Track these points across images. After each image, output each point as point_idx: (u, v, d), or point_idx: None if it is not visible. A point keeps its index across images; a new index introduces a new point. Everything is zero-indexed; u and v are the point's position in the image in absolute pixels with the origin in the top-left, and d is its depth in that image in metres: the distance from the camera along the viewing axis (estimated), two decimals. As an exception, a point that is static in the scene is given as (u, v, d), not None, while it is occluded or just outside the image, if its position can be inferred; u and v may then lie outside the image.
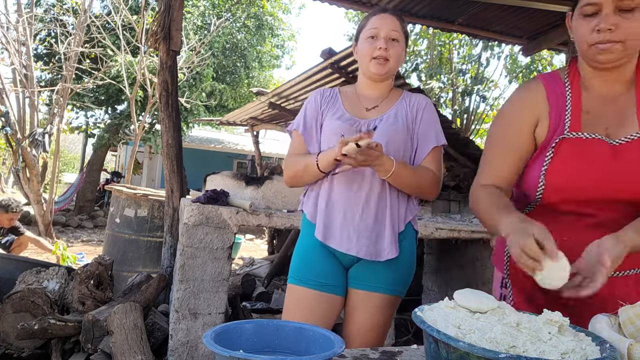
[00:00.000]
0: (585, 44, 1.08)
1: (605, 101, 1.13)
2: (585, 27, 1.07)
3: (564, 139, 1.12)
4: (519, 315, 0.82)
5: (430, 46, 11.66)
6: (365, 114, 1.61)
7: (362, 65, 1.62)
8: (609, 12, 1.03)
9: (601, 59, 1.08)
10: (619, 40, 1.03)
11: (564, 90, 1.17)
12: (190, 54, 10.03)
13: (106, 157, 14.64)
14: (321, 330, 0.85)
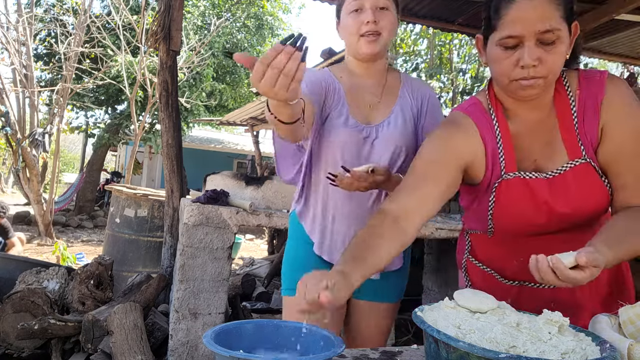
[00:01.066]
0: (506, 79, 1.02)
1: (529, 130, 1.10)
2: (506, 60, 1.00)
3: (503, 181, 1.09)
4: (519, 315, 0.82)
5: (430, 46, 11.66)
6: (369, 115, 1.43)
7: (350, 45, 1.40)
8: (532, 45, 0.96)
9: (524, 94, 1.02)
10: (542, 76, 0.98)
11: (492, 123, 1.12)
12: (190, 54, 10.03)
13: (106, 157, 14.64)
14: (321, 330, 0.85)
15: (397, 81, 1.50)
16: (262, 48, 13.97)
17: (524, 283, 1.15)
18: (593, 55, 5.73)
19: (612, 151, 1.04)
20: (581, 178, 1.05)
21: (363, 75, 1.46)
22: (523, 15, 0.95)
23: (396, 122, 1.43)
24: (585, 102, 1.06)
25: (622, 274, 1.18)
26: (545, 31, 0.95)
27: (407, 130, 1.43)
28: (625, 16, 4.17)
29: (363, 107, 1.44)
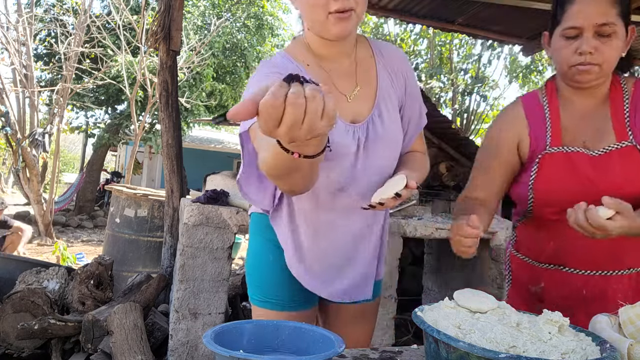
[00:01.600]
0: (566, 65, 1.15)
1: (582, 117, 1.21)
2: (567, 49, 1.14)
3: (546, 154, 1.20)
4: (519, 315, 0.82)
5: (430, 46, 11.66)
6: (352, 110, 1.16)
7: (313, 21, 1.08)
8: (590, 36, 1.10)
9: (580, 79, 1.15)
10: (597, 63, 1.11)
11: (542, 109, 1.25)
12: (190, 54, 10.03)
13: (106, 157, 14.64)
14: (321, 330, 0.85)
15: (369, 54, 1.23)
16: (262, 48, 13.97)
17: (558, 267, 1.22)
18: (593, 55, 5.71)
19: None
20: (626, 160, 1.13)
21: (332, 57, 1.17)
22: (584, 10, 1.10)
23: (386, 113, 1.19)
24: (638, 99, 1.17)
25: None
26: (603, 24, 1.08)
27: (396, 124, 1.21)
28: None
29: (341, 101, 1.15)
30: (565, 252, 1.19)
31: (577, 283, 1.20)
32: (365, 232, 1.25)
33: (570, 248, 1.19)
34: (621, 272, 1.18)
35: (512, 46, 8.16)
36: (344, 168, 1.15)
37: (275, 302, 1.25)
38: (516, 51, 10.79)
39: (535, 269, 1.28)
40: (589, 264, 1.19)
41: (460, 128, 10.24)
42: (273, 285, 1.25)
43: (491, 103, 11.72)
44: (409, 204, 3.29)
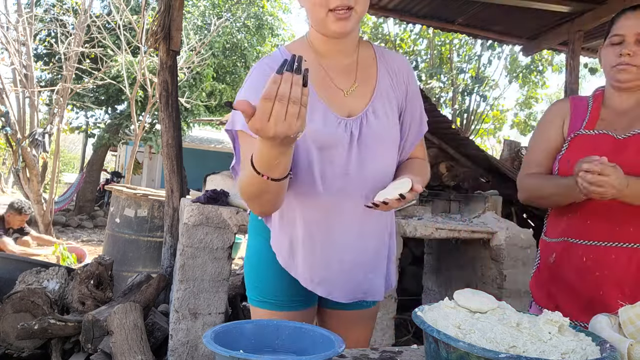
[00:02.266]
0: (609, 66, 1.38)
1: (619, 113, 1.41)
2: (612, 53, 1.38)
3: (578, 135, 1.41)
4: (519, 315, 0.82)
5: (430, 46, 11.66)
6: (346, 104, 1.18)
7: (316, 19, 1.12)
8: (631, 42, 1.34)
9: (620, 78, 1.36)
10: (635, 64, 1.33)
11: (586, 105, 1.47)
12: (190, 54, 10.02)
13: (106, 157, 14.64)
14: (321, 330, 0.85)
15: (371, 55, 1.25)
16: (262, 48, 13.97)
17: (569, 239, 1.40)
18: (593, 55, 5.72)
19: None
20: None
21: (331, 55, 1.19)
22: (628, 22, 1.36)
23: (382, 111, 1.20)
24: None
25: None
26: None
27: (392, 123, 1.22)
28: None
29: (337, 96, 1.17)
30: (573, 226, 1.39)
31: (578, 252, 1.36)
32: (365, 230, 1.22)
33: (577, 222, 1.38)
34: (620, 245, 1.32)
35: (512, 46, 8.17)
36: (338, 163, 1.16)
37: (273, 303, 1.24)
38: (516, 51, 10.79)
39: (551, 245, 1.47)
40: (591, 235, 1.35)
41: (460, 128, 10.24)
42: (271, 285, 1.24)
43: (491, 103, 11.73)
44: (409, 204, 3.29)
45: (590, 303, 1.29)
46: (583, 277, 1.35)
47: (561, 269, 1.41)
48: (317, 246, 1.19)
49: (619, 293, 1.31)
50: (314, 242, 1.19)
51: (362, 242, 1.22)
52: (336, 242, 1.19)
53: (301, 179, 1.16)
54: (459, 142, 4.29)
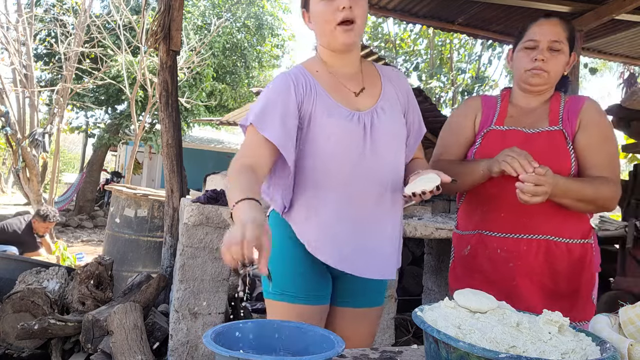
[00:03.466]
0: (523, 69, 1.45)
1: (526, 111, 1.50)
2: (525, 57, 1.45)
3: (490, 131, 1.49)
4: (519, 315, 0.82)
5: (430, 46, 11.66)
6: (357, 102, 1.34)
7: (324, 35, 1.31)
8: (544, 48, 1.41)
9: (532, 82, 1.45)
10: (547, 70, 1.41)
11: (495, 103, 1.56)
12: (190, 54, 10.02)
13: (106, 157, 14.64)
14: (321, 330, 0.85)
15: (374, 70, 1.45)
16: (262, 48, 13.97)
17: (481, 231, 1.47)
18: (593, 55, 5.72)
19: (587, 136, 1.41)
20: (553, 141, 1.41)
21: (339, 66, 1.37)
22: (542, 29, 1.43)
23: (389, 110, 1.36)
24: (571, 104, 1.48)
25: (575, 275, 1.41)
26: (555, 41, 1.41)
27: (400, 121, 1.39)
28: (625, 16, 4.17)
29: (349, 96, 1.34)
30: (487, 219, 1.46)
31: (493, 244, 1.44)
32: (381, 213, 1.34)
33: (491, 216, 1.45)
34: (530, 237, 1.40)
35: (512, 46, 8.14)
36: (354, 153, 1.29)
37: (292, 295, 1.31)
38: (516, 51, 10.76)
39: (465, 237, 1.53)
40: (504, 228, 1.43)
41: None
42: (290, 278, 1.32)
43: (491, 103, 11.71)
44: (409, 204, 3.29)
45: (505, 292, 1.33)
46: (497, 267, 1.43)
47: (476, 260, 1.47)
48: (342, 230, 1.29)
49: (529, 282, 1.39)
50: (338, 227, 1.29)
51: (379, 224, 1.34)
52: (357, 225, 1.31)
53: (321, 170, 1.29)
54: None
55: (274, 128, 1.24)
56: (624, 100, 4.41)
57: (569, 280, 1.40)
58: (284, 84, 1.29)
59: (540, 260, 1.39)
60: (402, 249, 1.50)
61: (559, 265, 1.39)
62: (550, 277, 1.39)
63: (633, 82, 9.54)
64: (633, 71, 10.05)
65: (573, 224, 1.41)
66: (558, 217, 1.39)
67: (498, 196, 1.43)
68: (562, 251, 1.40)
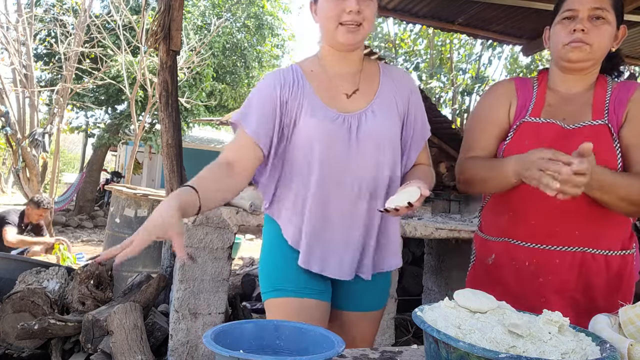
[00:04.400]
0: (560, 44, 1.26)
1: (566, 99, 1.30)
2: (563, 29, 1.25)
3: (524, 122, 1.30)
4: (519, 315, 0.82)
5: (430, 46, 11.66)
6: (348, 104, 1.29)
7: (327, 31, 1.27)
8: (584, 17, 1.22)
9: (572, 57, 1.24)
10: (589, 42, 1.22)
11: (531, 88, 1.36)
12: (190, 54, 10.02)
13: (106, 157, 14.63)
14: (321, 330, 0.85)
15: (376, 69, 1.37)
16: (262, 48, 13.97)
17: (507, 239, 1.30)
18: (593, 55, 5.70)
19: (633, 130, 1.22)
20: (596, 137, 1.20)
21: (338, 64, 1.32)
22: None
23: (381, 111, 1.29)
24: (619, 92, 1.28)
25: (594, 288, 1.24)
26: (596, 8, 1.22)
27: (392, 122, 1.30)
28: (625, 16, 4.16)
29: (338, 97, 1.29)
30: (515, 226, 1.29)
31: (521, 255, 1.27)
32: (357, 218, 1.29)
33: (519, 222, 1.28)
34: (564, 249, 1.23)
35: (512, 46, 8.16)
36: (338, 156, 1.25)
37: (291, 290, 1.29)
38: (516, 51, 10.79)
39: (489, 243, 1.36)
40: (534, 237, 1.25)
41: (460, 128, 10.24)
42: (282, 272, 1.31)
43: (491, 103, 11.71)
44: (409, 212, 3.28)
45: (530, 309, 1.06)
46: (524, 282, 1.26)
47: (500, 271, 1.31)
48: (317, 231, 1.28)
49: (560, 299, 1.23)
50: (314, 228, 1.27)
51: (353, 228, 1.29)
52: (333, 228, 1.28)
53: (304, 171, 1.26)
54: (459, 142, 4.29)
55: (252, 124, 1.25)
56: (624, 100, 4.40)
57: (604, 296, 1.23)
58: (270, 83, 1.29)
59: (575, 275, 1.22)
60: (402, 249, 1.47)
61: (594, 279, 1.22)
62: (584, 293, 1.23)
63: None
64: (633, 71, 10.05)
65: (613, 233, 1.23)
66: (596, 225, 1.21)
67: (528, 200, 1.24)
68: (599, 264, 1.22)
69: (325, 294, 1.32)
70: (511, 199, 1.29)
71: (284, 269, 1.31)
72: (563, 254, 1.23)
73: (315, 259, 1.28)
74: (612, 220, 1.22)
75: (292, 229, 1.30)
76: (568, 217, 1.21)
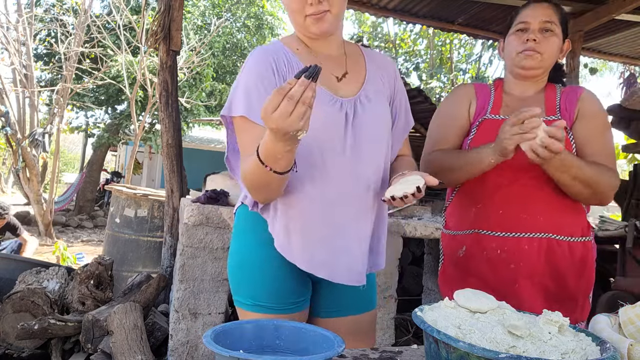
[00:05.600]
0: (515, 52, 1.40)
1: (520, 100, 1.44)
2: (517, 40, 1.40)
3: (485, 119, 1.43)
4: (519, 315, 0.82)
5: (430, 46, 11.67)
6: (340, 87, 1.21)
7: (296, 25, 1.22)
8: (535, 29, 1.37)
9: (525, 64, 1.39)
10: (540, 51, 1.37)
11: (489, 92, 1.51)
12: (190, 54, 10.02)
13: (106, 157, 14.63)
14: (321, 330, 0.85)
15: (357, 51, 1.32)
16: (262, 48, 13.95)
17: (477, 231, 1.39)
18: (593, 55, 5.72)
19: (585, 126, 1.38)
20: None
21: (319, 49, 1.25)
22: (533, 11, 1.39)
23: (376, 96, 1.24)
24: (568, 94, 1.44)
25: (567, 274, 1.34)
26: (546, 21, 1.37)
27: (385, 109, 1.25)
28: (625, 16, 4.17)
29: (331, 81, 1.21)
30: (483, 217, 1.38)
31: (491, 244, 1.35)
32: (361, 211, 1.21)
33: (487, 213, 1.37)
34: (532, 235, 1.32)
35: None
36: (335, 144, 1.16)
37: (265, 307, 1.17)
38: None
39: (459, 237, 1.45)
40: (503, 226, 1.34)
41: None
42: (262, 287, 1.18)
43: (491, 103, 11.72)
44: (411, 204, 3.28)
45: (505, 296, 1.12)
46: (497, 270, 1.34)
47: (472, 263, 1.38)
48: (315, 227, 1.16)
49: (531, 285, 1.32)
50: (311, 224, 1.16)
51: (357, 222, 1.20)
52: (333, 223, 1.17)
53: (298, 160, 1.10)
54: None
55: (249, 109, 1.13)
56: (624, 100, 4.41)
57: (570, 281, 1.33)
58: (262, 65, 1.17)
59: (542, 260, 1.32)
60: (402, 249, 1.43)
61: (560, 265, 1.33)
62: (552, 279, 1.33)
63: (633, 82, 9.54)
64: (633, 71, 10.05)
65: (572, 219, 1.35)
66: (557, 212, 1.33)
67: (495, 191, 1.35)
68: (563, 250, 1.33)
69: (305, 302, 1.23)
70: (478, 191, 1.39)
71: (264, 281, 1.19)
72: (530, 240, 1.32)
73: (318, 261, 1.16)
74: (570, 207, 1.34)
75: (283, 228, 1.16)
76: (532, 205, 1.32)
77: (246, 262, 1.23)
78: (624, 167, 12.02)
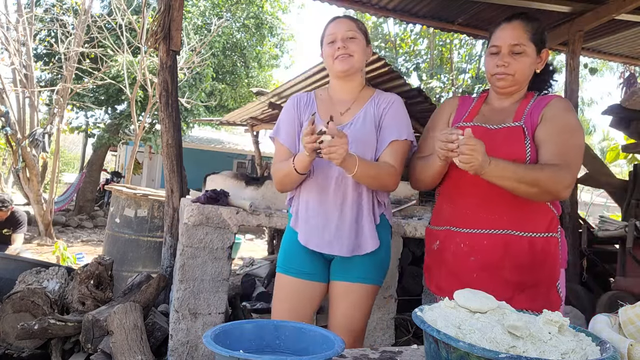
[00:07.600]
0: (489, 74, 1.58)
1: (496, 111, 1.60)
2: (490, 62, 1.56)
3: (457, 127, 1.55)
4: (519, 315, 0.82)
5: (430, 46, 11.66)
6: (339, 119, 1.72)
7: (329, 67, 1.76)
8: (505, 53, 1.51)
9: (498, 85, 1.56)
10: (510, 73, 1.52)
11: (470, 103, 1.68)
12: (190, 54, 10.02)
13: (106, 157, 14.63)
14: (321, 330, 0.85)
15: (369, 95, 1.78)
16: (262, 48, 13.96)
17: (450, 227, 1.57)
18: (593, 55, 5.72)
19: (544, 129, 1.49)
20: (511, 135, 1.50)
21: (340, 91, 1.79)
22: (503, 34, 1.53)
23: (358, 122, 1.72)
24: (539, 101, 1.57)
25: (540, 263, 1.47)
26: (515, 44, 1.51)
27: (366, 129, 1.70)
28: (625, 16, 4.17)
29: (336, 113, 1.74)
30: (455, 215, 1.57)
31: (457, 239, 1.54)
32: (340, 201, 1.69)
33: (457, 212, 1.56)
34: (490, 232, 1.49)
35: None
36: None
37: (295, 270, 1.73)
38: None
39: (435, 232, 1.65)
40: (468, 223, 1.53)
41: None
42: (294, 257, 1.75)
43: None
44: (409, 204, 3.29)
45: (467, 284, 1.30)
46: (460, 261, 1.52)
47: (443, 255, 1.58)
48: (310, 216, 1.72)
49: (488, 275, 1.47)
50: (307, 214, 1.73)
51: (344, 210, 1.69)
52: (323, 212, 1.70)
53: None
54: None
55: (283, 136, 1.78)
56: (624, 100, 4.41)
57: (531, 272, 1.45)
58: (290, 104, 1.82)
59: (499, 254, 1.46)
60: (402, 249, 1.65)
61: (520, 258, 1.45)
62: (511, 270, 1.46)
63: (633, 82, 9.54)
64: (633, 71, 10.05)
65: (535, 217, 1.48)
66: (518, 211, 1.47)
67: (464, 193, 1.54)
68: (523, 245, 1.46)
69: (320, 276, 1.74)
70: (452, 192, 1.59)
71: (293, 254, 1.76)
72: (489, 236, 1.49)
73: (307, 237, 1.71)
74: (533, 206, 1.47)
75: (294, 216, 1.76)
76: (493, 205, 1.49)
77: (284, 244, 1.82)
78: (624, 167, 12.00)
